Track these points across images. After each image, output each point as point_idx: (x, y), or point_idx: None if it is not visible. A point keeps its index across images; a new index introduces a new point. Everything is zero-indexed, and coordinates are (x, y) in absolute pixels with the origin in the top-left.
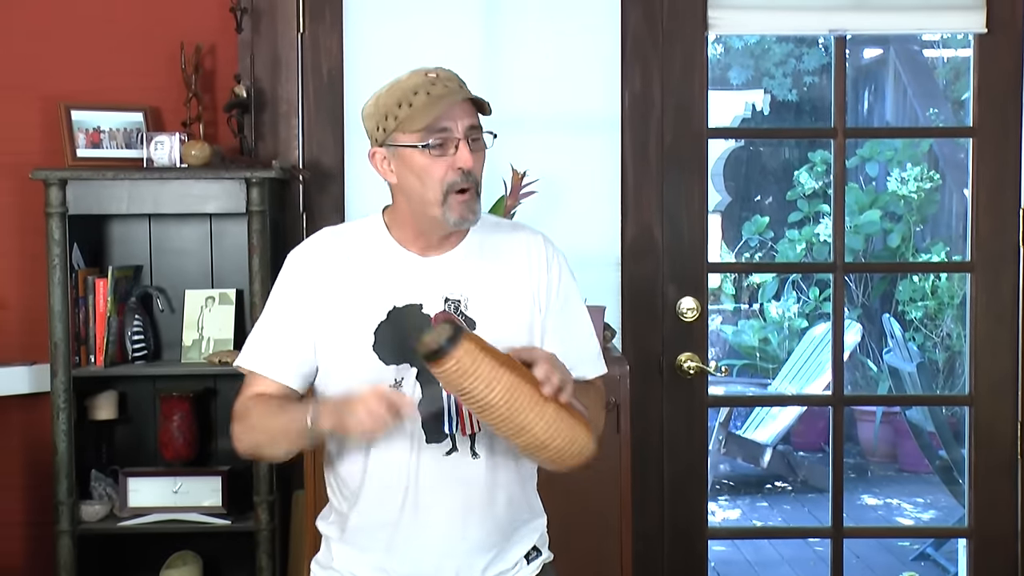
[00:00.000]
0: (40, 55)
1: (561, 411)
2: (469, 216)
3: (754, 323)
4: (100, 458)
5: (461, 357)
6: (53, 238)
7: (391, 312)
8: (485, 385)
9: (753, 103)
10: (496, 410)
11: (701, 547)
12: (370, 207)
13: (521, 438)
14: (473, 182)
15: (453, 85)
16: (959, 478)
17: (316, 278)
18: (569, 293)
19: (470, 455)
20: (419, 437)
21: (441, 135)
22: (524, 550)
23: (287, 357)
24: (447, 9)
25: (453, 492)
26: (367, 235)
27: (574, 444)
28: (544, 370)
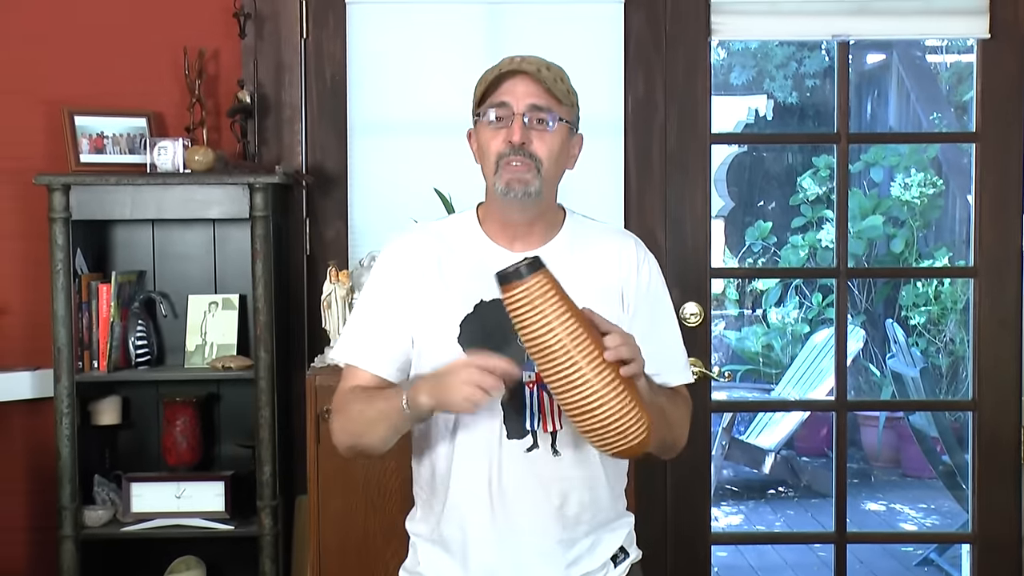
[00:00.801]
0: (43, 60)
1: (618, 381)
2: (516, 186)
3: (757, 329)
4: (103, 463)
5: (531, 286)
6: (56, 243)
7: (478, 305)
8: (546, 323)
9: (756, 108)
10: (551, 353)
11: (704, 552)
12: (373, 211)
13: (568, 395)
14: (527, 157)
15: (528, 66)
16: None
17: (411, 271)
18: (659, 297)
19: (551, 452)
20: (500, 433)
21: (501, 109)
22: (610, 551)
23: (382, 349)
24: (450, 14)
25: (535, 490)
26: (460, 228)
27: (622, 422)
28: (616, 339)
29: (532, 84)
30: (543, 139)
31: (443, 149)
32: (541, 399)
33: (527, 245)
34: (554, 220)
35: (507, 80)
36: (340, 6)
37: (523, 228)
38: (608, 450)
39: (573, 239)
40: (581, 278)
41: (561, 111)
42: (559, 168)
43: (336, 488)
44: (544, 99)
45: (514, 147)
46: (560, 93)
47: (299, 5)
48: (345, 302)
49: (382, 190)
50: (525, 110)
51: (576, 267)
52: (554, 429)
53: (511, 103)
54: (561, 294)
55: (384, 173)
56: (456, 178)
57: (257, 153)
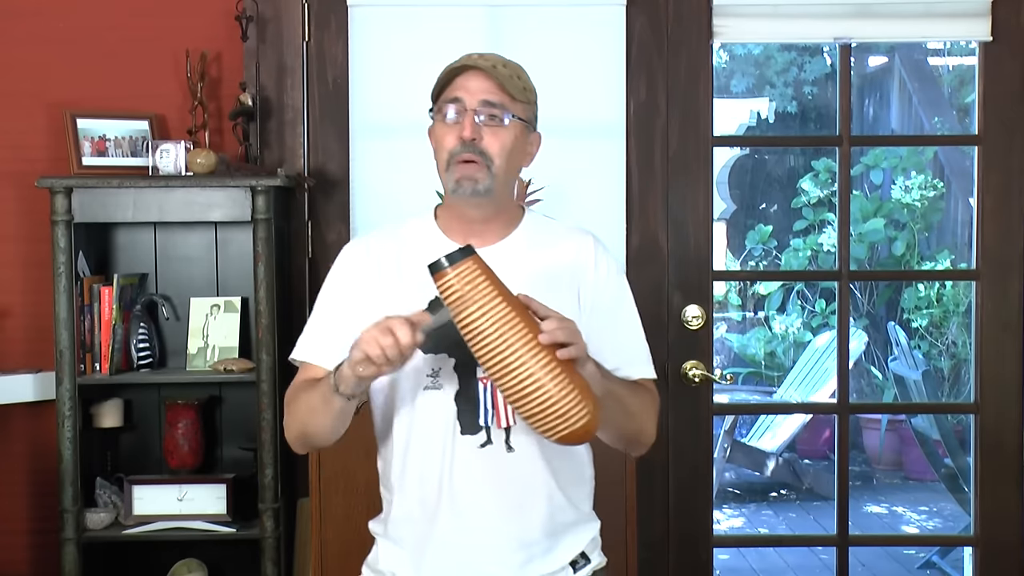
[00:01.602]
0: (45, 63)
1: (555, 364)
2: (466, 183)
3: (759, 332)
4: (105, 466)
5: (462, 272)
6: (58, 246)
7: (431, 302)
8: (478, 308)
9: (758, 111)
10: (484, 338)
11: (707, 555)
12: (375, 214)
13: (504, 379)
14: (478, 154)
15: (483, 62)
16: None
17: (365, 269)
18: (617, 293)
19: (505, 448)
20: (454, 429)
21: (454, 105)
22: (570, 555)
23: (336, 346)
24: (452, 18)
25: (487, 486)
26: (417, 228)
27: (562, 404)
28: (552, 323)
29: (486, 80)
30: (495, 135)
31: None
32: (494, 395)
33: (483, 242)
34: (511, 218)
35: (461, 76)
36: (342, 9)
37: (479, 226)
38: (550, 434)
39: (530, 237)
40: (538, 275)
41: (515, 108)
42: (512, 165)
43: (337, 491)
44: (497, 95)
45: (465, 143)
46: (515, 90)
47: (301, 8)
48: None
49: (384, 193)
50: (477, 106)
51: (533, 264)
52: (508, 425)
53: (464, 99)
54: (492, 279)
55: (386, 176)
56: None
57: (259, 156)
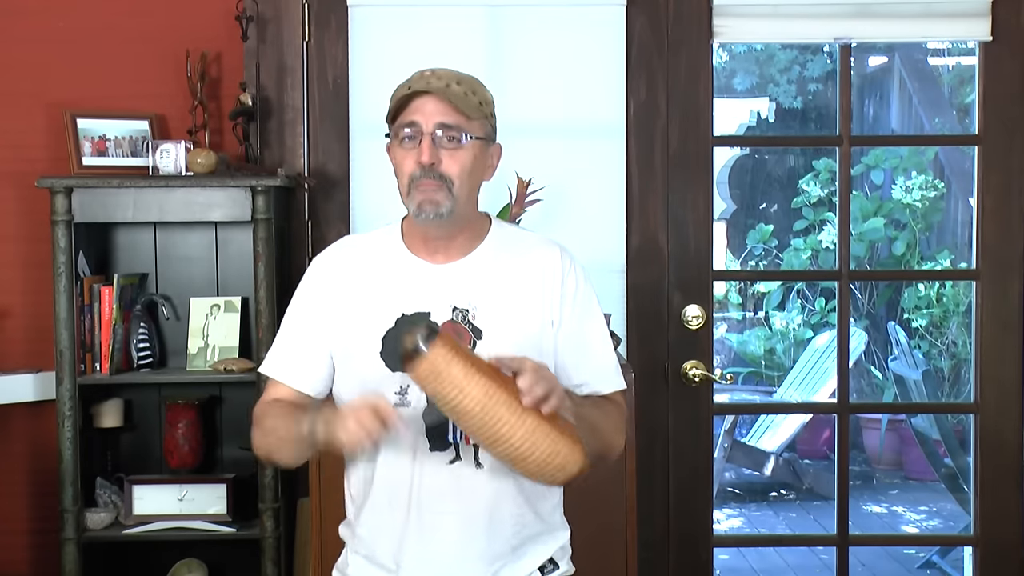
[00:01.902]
0: (45, 63)
1: (543, 423)
2: (428, 206)
3: (759, 332)
4: (105, 466)
5: (433, 359)
6: (59, 246)
7: (399, 320)
8: (458, 391)
9: (758, 111)
10: (471, 417)
11: (707, 555)
12: (375, 215)
13: (498, 448)
14: (438, 178)
15: (437, 82)
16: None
17: (332, 285)
18: (585, 306)
19: (474, 465)
20: (423, 445)
21: (411, 128)
22: (538, 562)
23: (302, 363)
24: (452, 18)
25: (456, 502)
26: (383, 242)
27: (556, 457)
28: (527, 380)
29: (440, 102)
30: (454, 157)
31: None
32: None
33: (448, 257)
34: (477, 231)
35: (416, 99)
36: (342, 9)
37: (443, 242)
38: (549, 483)
39: (497, 250)
40: (505, 290)
41: (471, 127)
42: (473, 183)
43: (338, 491)
44: (452, 117)
45: (424, 168)
46: (470, 108)
47: (301, 8)
48: None
49: (384, 193)
50: (434, 129)
51: (499, 279)
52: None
53: (420, 122)
54: (463, 355)
55: (386, 176)
56: None
57: (259, 156)
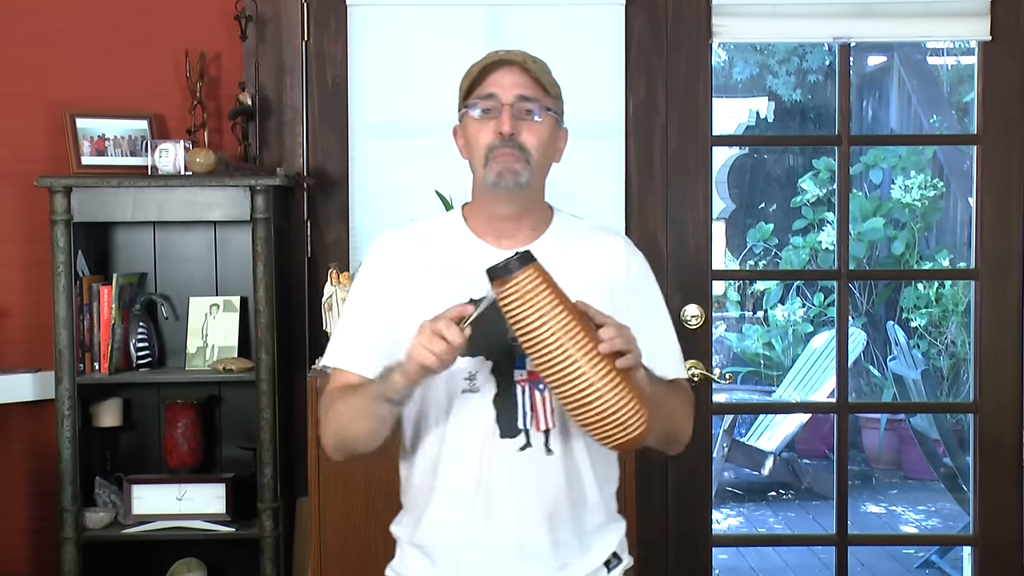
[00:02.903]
0: (45, 63)
1: (614, 373)
2: (507, 175)
3: (758, 328)
4: (104, 465)
5: (522, 280)
6: (58, 245)
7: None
8: (539, 316)
9: (757, 111)
10: (546, 347)
11: (706, 554)
12: (374, 214)
13: (564, 386)
14: (516, 148)
15: (511, 56)
16: (964, 485)
17: (394, 272)
18: (648, 293)
19: (544, 451)
20: (493, 432)
21: (488, 101)
22: (604, 556)
23: (367, 350)
24: (452, 17)
25: (526, 490)
26: (446, 227)
27: (620, 412)
28: (610, 331)
29: (519, 74)
30: (532, 130)
31: (444, 151)
32: (533, 397)
33: (514, 242)
34: (542, 217)
35: (493, 72)
36: (341, 8)
37: (510, 225)
38: (608, 442)
39: (561, 237)
40: (569, 276)
41: (548, 102)
42: (547, 159)
43: (337, 490)
44: (532, 89)
45: (503, 138)
46: (547, 83)
47: (300, 7)
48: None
49: (383, 192)
50: (513, 100)
51: (564, 265)
52: (547, 427)
53: (499, 94)
54: (553, 287)
55: (385, 175)
56: (457, 180)
57: (258, 155)
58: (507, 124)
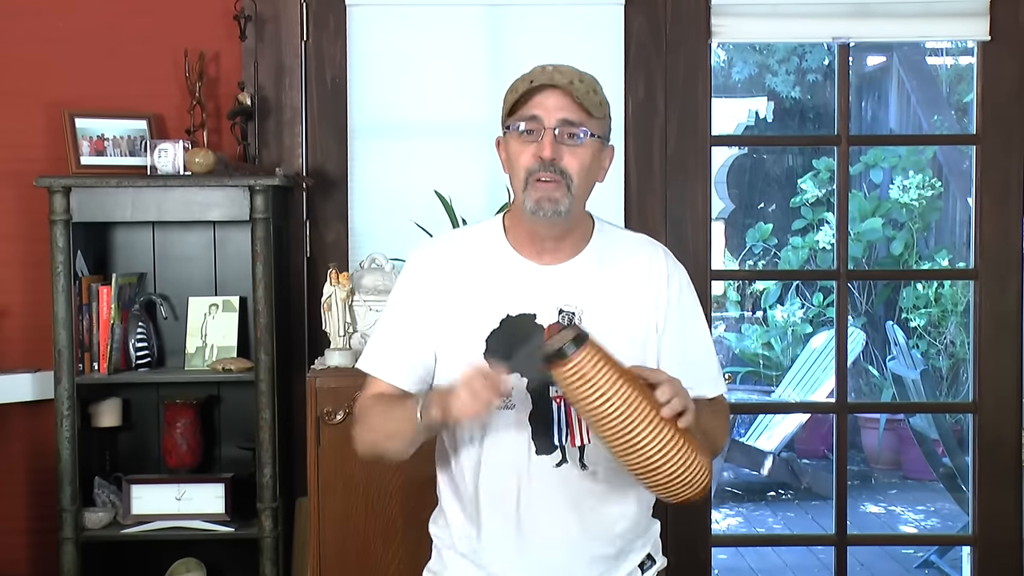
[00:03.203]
0: (44, 63)
1: (677, 435)
2: (546, 204)
3: (757, 328)
4: (104, 465)
5: (582, 362)
6: (57, 245)
7: (504, 320)
8: (601, 394)
9: (756, 110)
10: (610, 422)
11: (705, 555)
12: (373, 214)
13: (632, 456)
14: (558, 173)
15: (560, 78)
16: (963, 485)
17: (433, 283)
18: (689, 310)
19: (579, 467)
20: (529, 448)
21: (532, 122)
22: (638, 560)
23: (403, 361)
24: (451, 17)
25: (563, 504)
26: (486, 239)
27: (687, 472)
28: (667, 391)
29: (564, 97)
30: (574, 154)
31: (444, 151)
32: (568, 413)
33: (555, 259)
34: (584, 232)
35: (538, 93)
36: (340, 8)
37: (551, 243)
38: (674, 499)
39: (602, 253)
40: (611, 293)
41: (592, 125)
42: (589, 183)
43: (336, 490)
44: (576, 113)
45: (544, 163)
46: (592, 106)
47: (299, 7)
48: (345, 304)
49: (382, 192)
50: (556, 124)
51: (605, 282)
52: (582, 443)
53: (542, 116)
54: (609, 362)
55: (384, 175)
56: (457, 180)
57: (257, 155)
58: (548, 149)
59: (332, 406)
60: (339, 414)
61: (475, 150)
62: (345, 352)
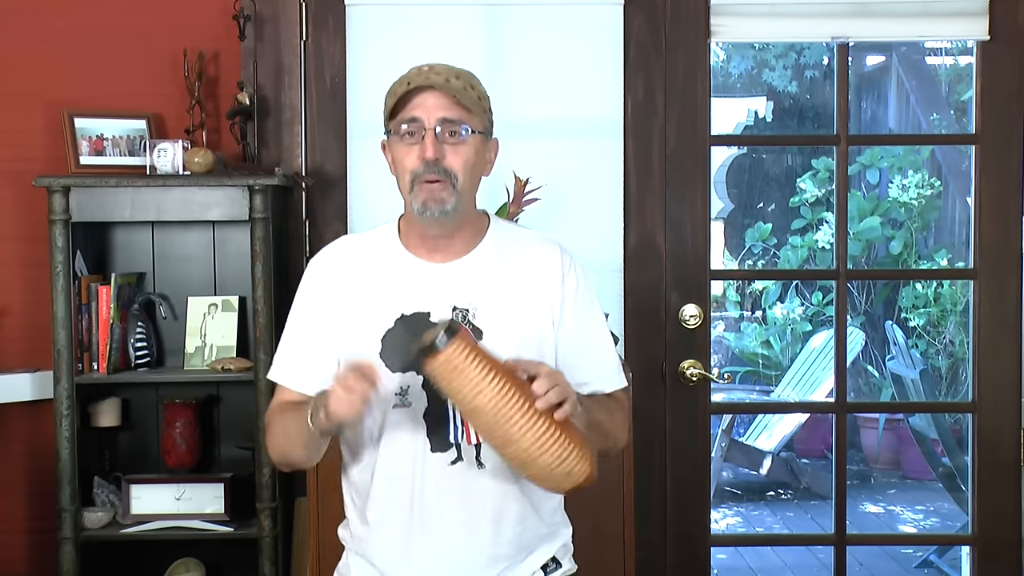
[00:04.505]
0: (43, 62)
1: (554, 427)
2: (433, 204)
3: (757, 327)
4: (103, 465)
5: (453, 354)
6: (56, 245)
7: (399, 320)
8: (473, 387)
9: (756, 110)
10: (483, 415)
11: (704, 554)
12: (373, 214)
13: (508, 449)
14: (443, 173)
15: (436, 77)
16: (962, 485)
17: (331, 287)
18: (586, 305)
19: (476, 465)
20: (424, 446)
21: (413, 124)
22: (540, 562)
23: (307, 367)
24: (450, 17)
25: (459, 503)
26: (380, 242)
27: (564, 463)
28: (543, 384)
29: (441, 97)
30: (457, 152)
31: None
32: None
33: (447, 256)
34: (476, 229)
35: (417, 94)
36: (340, 8)
37: (443, 241)
38: (554, 490)
39: (496, 249)
40: (505, 290)
41: (472, 121)
42: (475, 178)
43: (335, 490)
44: (455, 111)
45: (428, 163)
46: (470, 102)
47: (299, 7)
48: None
49: (382, 192)
50: (436, 124)
51: (500, 278)
52: (478, 442)
53: (422, 118)
54: (481, 354)
55: (384, 175)
56: None
57: (257, 155)
58: (431, 150)
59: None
60: None
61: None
62: None
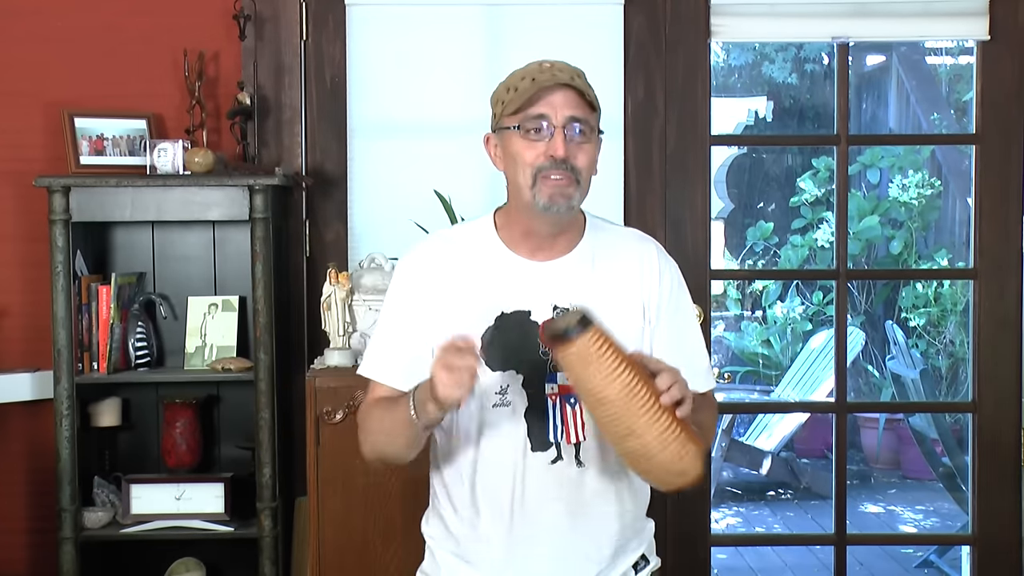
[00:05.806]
0: (44, 62)
1: (675, 424)
2: (559, 200)
3: (757, 326)
4: (103, 465)
5: (586, 343)
6: (56, 245)
7: (498, 318)
8: (603, 377)
9: (756, 110)
10: (610, 406)
11: (704, 554)
12: (373, 213)
13: (628, 442)
14: (568, 171)
15: (562, 75)
16: (962, 485)
17: (426, 282)
18: (681, 305)
19: (575, 464)
20: (524, 446)
21: (538, 120)
22: (632, 560)
23: (401, 363)
24: (450, 17)
25: (558, 502)
26: (477, 238)
27: (682, 460)
28: (667, 379)
29: (569, 95)
30: (583, 150)
31: (443, 151)
32: (563, 411)
33: (549, 255)
34: (576, 228)
35: (544, 92)
36: (340, 8)
37: (547, 240)
38: (668, 488)
39: (594, 249)
40: (603, 290)
41: (593, 120)
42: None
43: (336, 490)
44: (582, 110)
45: (555, 161)
46: (593, 99)
47: (299, 7)
48: (345, 304)
49: (382, 192)
50: (565, 122)
51: (598, 279)
52: (577, 441)
53: (550, 115)
54: (612, 345)
55: (384, 175)
56: (456, 180)
57: (257, 155)
58: (561, 149)
59: (331, 406)
60: (338, 414)
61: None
62: (345, 352)
